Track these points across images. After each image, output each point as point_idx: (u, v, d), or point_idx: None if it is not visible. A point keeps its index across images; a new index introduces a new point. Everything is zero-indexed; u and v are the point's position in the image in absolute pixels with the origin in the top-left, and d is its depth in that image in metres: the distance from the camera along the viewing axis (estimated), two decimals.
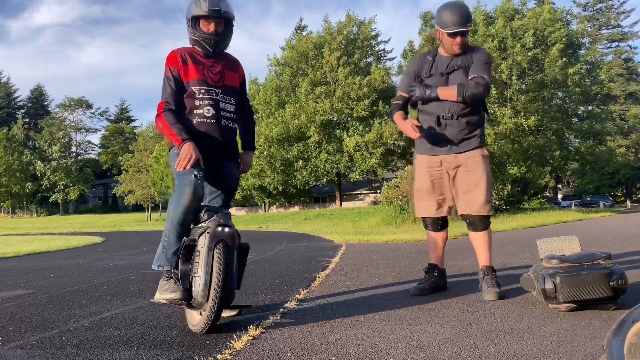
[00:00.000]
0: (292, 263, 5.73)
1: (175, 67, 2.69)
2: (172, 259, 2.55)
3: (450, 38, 3.14)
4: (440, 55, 3.28)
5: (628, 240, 6.81)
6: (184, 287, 2.44)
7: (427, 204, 3.33)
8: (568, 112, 23.62)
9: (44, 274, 5.81)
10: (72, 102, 69.16)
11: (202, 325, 2.39)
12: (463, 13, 3.11)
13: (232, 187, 2.87)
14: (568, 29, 22.75)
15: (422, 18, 24.09)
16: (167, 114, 2.62)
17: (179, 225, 2.54)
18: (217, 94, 2.76)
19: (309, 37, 37.78)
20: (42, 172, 61.98)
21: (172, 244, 2.56)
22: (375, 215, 20.57)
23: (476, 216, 3.19)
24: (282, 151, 34.71)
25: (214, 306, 2.33)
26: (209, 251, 2.39)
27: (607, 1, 54.95)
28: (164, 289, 2.49)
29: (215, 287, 2.33)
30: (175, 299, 2.42)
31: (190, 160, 2.51)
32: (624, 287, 2.47)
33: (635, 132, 49.19)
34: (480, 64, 3.15)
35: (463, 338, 2.18)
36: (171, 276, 2.51)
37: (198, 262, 2.43)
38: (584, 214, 19.92)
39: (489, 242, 3.24)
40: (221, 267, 2.37)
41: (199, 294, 2.37)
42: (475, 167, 3.18)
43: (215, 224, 2.45)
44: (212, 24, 2.68)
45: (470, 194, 3.19)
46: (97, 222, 44.22)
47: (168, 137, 2.63)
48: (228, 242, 2.44)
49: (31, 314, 3.21)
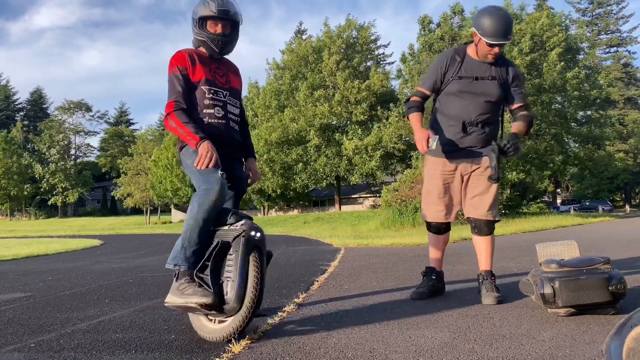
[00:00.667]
0: (291, 267, 5.72)
1: (183, 66, 2.64)
2: (190, 258, 2.38)
3: (488, 47, 3.05)
4: (469, 57, 3.18)
5: (627, 245, 6.81)
6: (214, 291, 2.29)
7: (437, 208, 3.28)
8: (567, 116, 23.68)
9: (42, 276, 5.80)
10: (71, 104, 69.28)
11: (229, 331, 2.29)
12: (507, 24, 3.01)
13: (243, 190, 2.86)
14: (566, 33, 22.80)
15: (420, 23, 24.16)
16: (179, 113, 2.56)
17: (203, 222, 2.40)
18: (225, 95, 2.74)
19: (308, 41, 37.85)
20: (40, 174, 61.97)
21: (192, 243, 2.39)
22: (375, 219, 20.59)
23: (482, 220, 3.19)
24: (281, 155, 34.74)
25: (250, 311, 2.27)
26: (245, 256, 2.31)
27: (606, 6, 55.12)
28: (186, 292, 2.31)
29: (253, 292, 2.27)
30: (206, 303, 2.25)
31: (213, 158, 2.46)
32: (623, 292, 2.47)
33: (634, 137, 49.27)
34: (521, 89, 3.24)
35: (462, 342, 2.18)
36: (193, 278, 2.35)
37: (232, 266, 2.31)
38: (583, 218, 19.94)
39: (492, 247, 3.23)
40: (258, 273, 2.30)
41: (233, 299, 2.26)
42: (488, 171, 3.15)
43: (250, 228, 2.37)
44: (220, 25, 2.66)
45: (479, 198, 3.18)
46: (96, 225, 44.19)
47: (182, 137, 2.56)
48: (262, 247, 2.40)
49: (29, 317, 3.21)
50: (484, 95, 3.13)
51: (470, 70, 3.15)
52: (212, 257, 2.34)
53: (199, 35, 2.69)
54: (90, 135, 75.98)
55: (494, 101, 3.16)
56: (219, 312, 2.31)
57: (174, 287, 2.38)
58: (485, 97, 3.13)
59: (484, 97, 3.13)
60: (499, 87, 3.14)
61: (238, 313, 2.28)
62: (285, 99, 36.46)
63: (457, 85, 3.16)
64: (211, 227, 2.45)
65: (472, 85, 3.13)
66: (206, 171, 2.47)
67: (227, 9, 2.64)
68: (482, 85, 3.13)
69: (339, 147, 33.91)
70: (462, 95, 3.14)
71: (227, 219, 2.45)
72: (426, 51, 22.38)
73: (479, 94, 3.13)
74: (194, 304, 2.27)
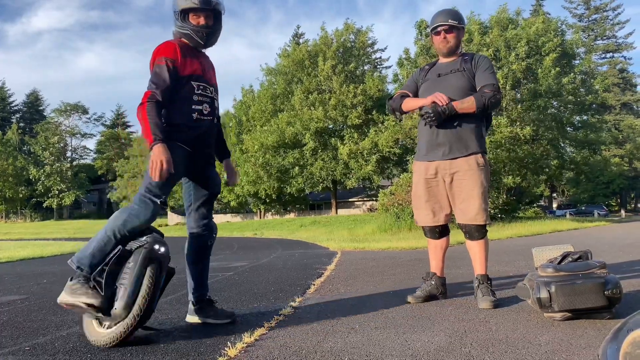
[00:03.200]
0: (287, 270, 5.72)
1: (173, 58, 2.54)
2: (95, 266, 2.38)
3: (437, 37, 3.26)
4: (439, 63, 3.36)
5: (622, 250, 6.84)
6: (105, 295, 2.31)
7: (424, 212, 3.31)
8: (563, 121, 23.75)
9: (37, 279, 5.78)
10: (68, 107, 69.06)
11: (111, 338, 2.31)
12: (445, 12, 3.27)
13: (217, 192, 2.82)
14: (562, 39, 22.88)
15: (417, 27, 24.19)
16: (151, 106, 2.45)
17: (119, 239, 2.40)
18: (212, 92, 2.71)
19: (304, 46, 37.86)
20: (35, 177, 61.74)
21: (102, 252, 2.40)
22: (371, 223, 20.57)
23: (471, 225, 3.17)
24: (278, 158, 34.72)
25: (135, 320, 2.29)
26: (142, 268, 2.32)
27: (603, 12, 55.45)
28: (78, 292, 2.32)
29: (140, 305, 2.28)
30: (94, 305, 2.28)
31: (164, 170, 2.38)
32: (619, 296, 2.47)
33: (630, 142, 49.49)
34: (486, 71, 3.18)
35: (458, 347, 2.18)
36: (89, 280, 2.35)
37: (128, 274, 2.33)
38: (578, 223, 20.00)
39: (485, 251, 3.22)
40: (151, 285, 2.32)
41: (121, 306, 2.28)
42: (470, 174, 3.16)
43: (153, 242, 2.38)
44: (202, 17, 2.61)
45: (466, 202, 3.17)
46: (92, 228, 43.99)
47: (142, 131, 2.46)
48: (163, 262, 2.40)
49: (24, 319, 3.19)
50: (450, 88, 3.19)
51: (436, 70, 3.32)
52: (111, 262, 2.37)
53: (182, 29, 2.62)
54: (87, 137, 75.84)
55: (461, 92, 3.16)
56: (106, 315, 2.33)
57: (68, 285, 2.39)
58: (451, 90, 3.17)
59: (450, 90, 3.17)
60: (466, 78, 3.19)
61: (124, 321, 2.30)
62: (281, 103, 36.47)
63: (424, 86, 3.31)
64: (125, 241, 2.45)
65: (437, 82, 3.26)
66: (151, 190, 2.44)
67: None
68: (445, 79, 3.24)
69: (335, 151, 33.92)
70: (429, 92, 3.21)
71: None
72: (423, 55, 22.40)
73: (443, 88, 3.20)
74: (81, 303, 2.30)
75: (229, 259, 7.96)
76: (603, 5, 55.22)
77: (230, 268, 6.23)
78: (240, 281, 4.82)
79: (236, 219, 47.79)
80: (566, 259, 2.69)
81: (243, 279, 5.03)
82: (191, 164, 2.64)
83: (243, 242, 15.72)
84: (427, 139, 3.27)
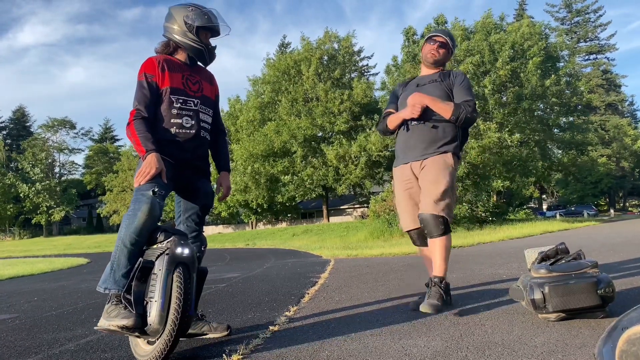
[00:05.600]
0: (280, 280, 5.69)
1: (151, 73, 2.57)
2: (120, 281, 2.31)
3: (429, 44, 3.34)
4: (420, 76, 3.45)
5: (613, 249, 6.90)
6: (137, 312, 2.22)
7: (405, 216, 3.29)
8: (549, 123, 23.98)
9: (27, 297, 5.70)
10: (55, 122, 68.47)
11: (156, 354, 2.19)
12: (447, 31, 3.43)
13: (208, 205, 2.78)
14: (546, 42, 23.16)
15: (405, 34, 24.40)
16: (138, 122, 2.48)
17: (130, 245, 2.31)
18: (196, 104, 2.69)
19: (288, 55, 37.93)
20: (25, 193, 61.08)
21: (121, 266, 2.32)
22: (363, 230, 20.59)
23: (426, 215, 3.03)
24: (267, 166, 34.62)
25: (172, 334, 2.16)
26: (168, 274, 2.22)
27: (584, 15, 56.22)
28: (112, 314, 2.26)
29: (175, 314, 2.17)
30: (127, 326, 2.18)
31: (150, 174, 2.36)
32: (612, 295, 2.49)
33: (616, 142, 50.06)
34: (464, 88, 3.23)
35: (454, 350, 2.18)
36: (120, 301, 2.29)
37: (155, 285, 2.23)
38: (569, 223, 20.16)
39: (444, 251, 3.04)
40: (181, 292, 2.20)
41: (156, 321, 2.18)
42: (434, 169, 3.11)
43: (174, 245, 2.28)
44: (209, 37, 2.71)
45: (425, 193, 3.09)
46: (82, 243, 43.56)
47: (135, 146, 2.47)
48: (189, 265, 2.30)
49: (15, 338, 3.14)
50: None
51: (417, 81, 3.40)
52: (134, 277, 2.29)
53: (195, 43, 2.65)
54: (75, 152, 75.09)
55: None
56: (142, 334, 2.24)
57: (105, 309, 2.33)
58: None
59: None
60: (442, 89, 3.25)
61: (162, 337, 2.19)
62: (268, 112, 36.47)
63: (403, 95, 3.37)
64: (142, 247, 2.38)
65: (415, 90, 3.29)
66: (141, 188, 2.40)
67: (226, 25, 2.72)
68: (423, 89, 3.29)
69: (325, 157, 33.93)
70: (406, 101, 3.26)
71: (157, 237, 2.37)
72: (409, 62, 22.56)
73: None
74: (115, 327, 2.22)
75: (222, 271, 7.91)
76: (584, 8, 56.00)
77: (224, 279, 6.19)
78: (233, 292, 4.79)
79: (228, 230, 47.57)
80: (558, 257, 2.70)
81: (237, 290, 5.00)
82: (176, 176, 2.63)
83: (235, 253, 15.64)
84: (402, 144, 3.31)
